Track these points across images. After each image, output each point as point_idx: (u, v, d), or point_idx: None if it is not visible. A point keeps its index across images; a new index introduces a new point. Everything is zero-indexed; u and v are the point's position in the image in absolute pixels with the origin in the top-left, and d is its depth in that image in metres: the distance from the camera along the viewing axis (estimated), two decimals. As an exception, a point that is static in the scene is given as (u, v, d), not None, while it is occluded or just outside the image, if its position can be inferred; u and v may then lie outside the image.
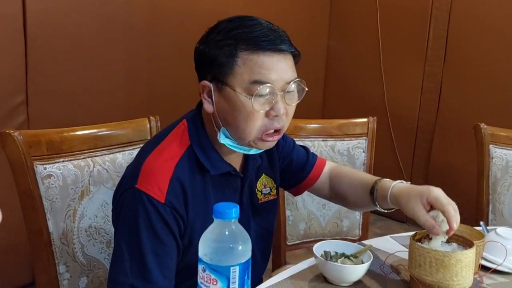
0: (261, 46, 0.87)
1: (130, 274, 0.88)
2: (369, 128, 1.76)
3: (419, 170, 3.15)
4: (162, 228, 0.90)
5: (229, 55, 0.88)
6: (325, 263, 0.95)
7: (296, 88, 0.93)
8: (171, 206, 0.90)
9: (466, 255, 0.87)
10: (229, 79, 0.89)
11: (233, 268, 0.60)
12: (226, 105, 0.91)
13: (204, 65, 0.94)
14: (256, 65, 0.87)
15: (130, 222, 0.91)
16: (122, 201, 0.94)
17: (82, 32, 2.19)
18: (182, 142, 0.96)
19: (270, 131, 0.93)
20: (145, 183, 0.90)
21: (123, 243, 0.91)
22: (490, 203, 1.75)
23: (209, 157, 0.96)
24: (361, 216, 1.79)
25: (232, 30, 0.90)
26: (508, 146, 1.76)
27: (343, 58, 3.40)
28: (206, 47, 0.93)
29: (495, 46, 2.73)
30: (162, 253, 0.90)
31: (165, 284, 0.90)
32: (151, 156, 0.94)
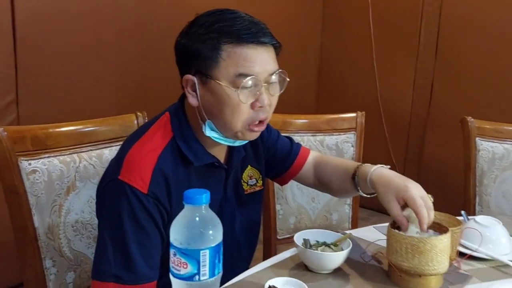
0: (244, 39, 0.89)
1: (114, 265, 0.89)
2: (357, 122, 1.78)
3: (412, 165, 3.17)
4: (145, 219, 0.91)
5: (212, 48, 0.89)
6: (305, 251, 0.97)
7: (278, 79, 0.95)
8: (154, 197, 0.91)
9: (441, 241, 0.88)
10: (214, 72, 0.90)
11: (203, 251, 0.61)
12: (211, 98, 0.92)
13: (186, 59, 0.95)
14: (241, 57, 0.89)
15: (113, 213, 0.92)
16: (105, 193, 0.95)
17: (72, 30, 2.20)
18: (165, 134, 0.98)
19: (255, 122, 0.95)
20: (128, 174, 0.91)
21: (107, 234, 0.92)
22: (477, 195, 1.77)
23: (192, 148, 0.97)
24: (350, 209, 1.80)
25: (214, 23, 0.91)
26: (495, 139, 1.77)
27: (336, 55, 3.42)
28: (188, 41, 0.93)
29: (485, 42, 2.75)
30: (146, 244, 0.91)
31: (150, 274, 0.91)
32: (133, 147, 0.95)
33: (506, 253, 1.07)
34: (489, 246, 1.06)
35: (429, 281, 0.91)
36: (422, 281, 0.91)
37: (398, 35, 3.11)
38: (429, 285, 0.92)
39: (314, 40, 3.45)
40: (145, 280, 0.90)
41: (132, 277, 0.89)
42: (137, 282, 0.89)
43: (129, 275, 0.89)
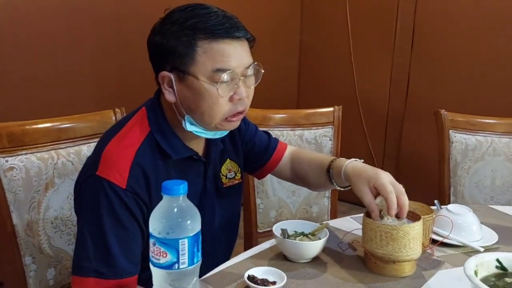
0: (219, 35, 0.90)
1: (94, 260, 0.89)
2: (334, 116, 1.81)
3: (391, 158, 3.23)
4: (124, 214, 0.91)
5: (188, 45, 0.90)
6: (283, 241, 0.99)
7: (253, 71, 0.97)
8: (133, 191, 0.91)
9: (413, 228, 0.91)
10: (191, 68, 0.91)
11: (181, 240, 0.63)
12: (189, 94, 0.93)
13: (161, 56, 0.94)
14: (217, 53, 0.90)
15: (92, 209, 0.91)
16: (83, 189, 0.95)
17: (46, 24, 2.16)
18: (142, 129, 0.98)
19: (234, 113, 0.96)
20: (106, 170, 0.91)
21: (86, 230, 0.91)
22: (452, 186, 1.81)
23: (170, 142, 0.98)
24: (329, 203, 1.84)
25: (187, 20, 0.91)
26: (467, 131, 1.82)
27: (315, 51, 3.46)
28: (162, 38, 0.93)
29: (459, 38, 2.81)
30: (125, 239, 0.91)
31: (130, 269, 0.92)
32: (111, 143, 0.95)
33: (477, 239, 1.11)
34: (461, 234, 1.10)
35: (403, 267, 0.94)
36: (396, 267, 0.94)
37: (374, 31, 3.16)
38: (403, 270, 0.95)
39: (293, 36, 3.48)
40: (125, 275, 0.91)
41: (112, 272, 0.89)
42: (117, 277, 0.90)
43: (109, 269, 0.89)
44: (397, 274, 0.95)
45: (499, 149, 1.79)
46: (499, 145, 1.79)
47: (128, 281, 0.91)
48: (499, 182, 1.80)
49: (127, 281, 0.91)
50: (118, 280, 0.90)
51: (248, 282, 0.86)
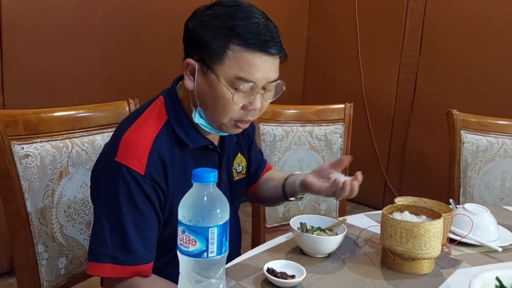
0: (254, 46, 0.89)
1: (111, 246, 0.89)
2: (345, 113, 1.80)
3: (396, 158, 3.23)
4: (142, 200, 0.91)
5: (222, 45, 0.89)
6: (301, 235, 0.99)
7: (274, 87, 0.97)
8: (151, 178, 0.91)
9: (434, 225, 0.91)
10: (216, 67, 0.90)
11: (211, 229, 0.62)
12: (207, 89, 0.93)
13: (193, 45, 0.94)
14: (245, 62, 0.89)
15: (110, 195, 0.92)
16: (101, 175, 0.95)
17: (58, 16, 2.16)
18: (160, 117, 0.98)
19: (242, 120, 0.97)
20: (125, 156, 0.91)
21: (103, 216, 0.92)
22: (461, 186, 1.81)
23: (187, 131, 0.98)
24: (338, 200, 1.83)
25: (229, 19, 0.90)
26: (479, 132, 1.82)
27: (323, 48, 3.45)
28: (199, 28, 0.93)
29: (468, 38, 2.81)
30: (142, 225, 0.91)
31: (146, 255, 0.92)
32: (129, 130, 0.95)
33: (494, 239, 1.11)
34: (477, 233, 1.10)
35: (422, 265, 0.94)
36: (415, 265, 0.94)
37: (383, 30, 3.15)
38: (422, 268, 0.95)
39: (300, 33, 3.47)
40: (141, 262, 0.91)
41: (129, 258, 0.89)
42: (134, 263, 0.90)
43: (126, 255, 0.89)
44: (416, 272, 0.94)
45: (510, 151, 1.79)
46: (510, 147, 1.79)
47: (144, 267, 0.91)
48: (509, 184, 1.80)
49: (143, 267, 0.91)
50: (134, 267, 0.90)
51: (268, 275, 0.86)
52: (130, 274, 0.90)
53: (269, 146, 1.67)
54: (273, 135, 1.68)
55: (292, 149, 1.71)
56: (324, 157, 1.77)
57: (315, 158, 1.75)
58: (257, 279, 0.89)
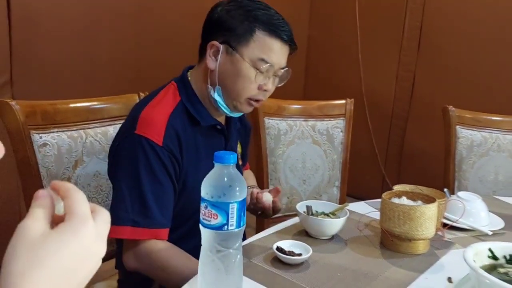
0: (276, 33, 1.03)
1: (131, 211, 0.98)
2: (346, 109, 1.87)
3: (394, 155, 3.30)
4: (160, 170, 0.99)
5: (248, 29, 1.02)
6: (307, 218, 1.05)
7: (283, 74, 1.10)
8: (168, 149, 1.00)
9: (429, 209, 0.98)
10: (242, 49, 1.03)
11: (231, 204, 0.69)
12: (230, 68, 1.04)
13: (218, 28, 1.05)
14: (267, 47, 1.03)
15: (130, 164, 1.00)
16: (121, 147, 1.04)
17: (67, 11, 2.20)
18: (174, 98, 1.08)
19: (254, 99, 1.09)
20: (144, 129, 1.00)
21: (124, 185, 1.00)
22: (456, 180, 1.88)
23: (198, 111, 1.08)
24: (338, 192, 1.90)
25: (253, 10, 1.04)
26: (473, 127, 1.89)
27: (323, 47, 3.51)
28: (225, 14, 1.04)
29: (466, 37, 2.88)
30: (160, 193, 1.00)
31: (163, 221, 1.00)
32: (146, 108, 1.05)
33: (485, 224, 1.18)
34: (469, 219, 1.17)
35: (417, 245, 1.01)
36: (411, 245, 1.01)
37: (383, 29, 3.22)
38: (418, 248, 1.02)
39: (301, 31, 3.52)
40: (159, 226, 0.99)
41: (148, 222, 0.98)
42: (152, 226, 0.98)
43: (145, 220, 0.98)
44: (412, 252, 1.01)
45: (503, 146, 1.86)
46: (504, 142, 1.86)
47: (161, 231, 0.99)
48: (502, 178, 1.86)
49: (160, 231, 0.99)
50: (152, 230, 0.98)
51: (277, 253, 0.93)
52: (148, 236, 0.98)
53: (273, 140, 1.74)
54: (277, 129, 1.74)
55: (295, 142, 1.78)
56: (326, 150, 1.84)
57: (317, 151, 1.82)
58: (267, 257, 0.96)
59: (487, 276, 0.76)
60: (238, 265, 0.74)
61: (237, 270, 0.74)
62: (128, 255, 1.00)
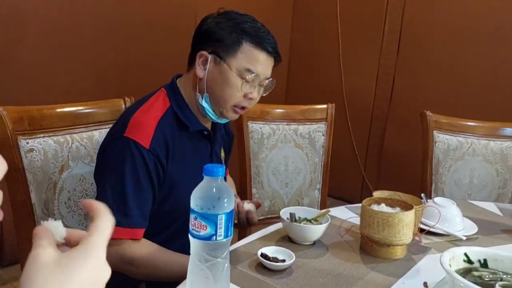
0: (262, 46, 1.09)
1: (111, 209, 0.99)
2: (328, 113, 1.92)
3: (373, 155, 3.38)
4: (144, 173, 1.04)
5: (236, 40, 1.08)
6: (290, 224, 1.09)
7: (267, 84, 1.16)
8: (155, 153, 1.04)
9: (407, 216, 1.03)
10: (230, 59, 1.08)
11: (220, 216, 0.73)
12: (218, 76, 1.09)
13: (208, 40, 1.10)
14: (253, 58, 1.09)
15: (116, 166, 1.04)
16: (110, 148, 1.07)
17: (49, 14, 2.19)
18: (164, 104, 1.12)
19: (240, 106, 1.14)
20: (133, 132, 1.04)
21: (108, 184, 1.04)
22: (433, 183, 1.95)
23: (187, 116, 1.13)
24: (320, 194, 1.95)
25: (241, 23, 1.09)
26: (450, 132, 1.96)
27: (305, 49, 3.56)
28: (215, 26, 1.09)
29: (443, 41, 2.96)
30: (140, 195, 1.04)
31: (141, 221, 1.04)
32: (137, 113, 1.09)
33: (460, 229, 1.24)
34: (445, 224, 1.23)
35: (395, 251, 1.06)
36: (390, 250, 1.06)
37: (363, 32, 3.28)
38: (396, 254, 1.07)
39: (284, 34, 3.57)
40: (137, 226, 1.03)
41: (127, 221, 1.02)
42: (131, 226, 1.02)
43: (125, 219, 1.02)
44: (390, 257, 1.06)
45: (478, 150, 1.93)
46: (478, 146, 1.94)
47: (138, 231, 1.04)
48: (476, 181, 1.94)
49: (137, 231, 1.04)
50: (130, 229, 1.02)
51: (261, 259, 0.96)
52: (125, 235, 1.02)
53: (257, 143, 1.77)
54: (261, 133, 1.78)
55: (278, 146, 1.82)
56: (307, 154, 1.88)
57: (300, 155, 1.86)
58: (252, 263, 0.99)
59: (460, 279, 0.81)
60: (225, 273, 0.77)
61: (224, 278, 0.77)
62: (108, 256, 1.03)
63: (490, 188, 1.94)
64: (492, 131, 1.95)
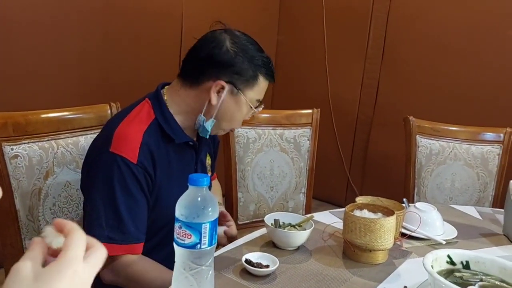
0: (272, 78, 1.17)
1: (106, 227, 1.01)
2: (313, 118, 1.94)
3: (358, 159, 3.42)
4: (135, 186, 1.03)
5: (253, 75, 1.12)
6: (275, 230, 1.11)
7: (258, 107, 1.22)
8: (143, 166, 1.04)
9: (388, 221, 1.05)
10: (247, 91, 1.13)
11: (204, 225, 0.74)
12: (233, 105, 1.13)
13: (226, 70, 1.11)
14: (263, 89, 1.17)
15: (105, 182, 1.03)
16: (96, 164, 1.06)
17: (34, 17, 2.18)
18: (148, 116, 1.11)
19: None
20: (119, 147, 1.03)
21: (99, 201, 1.03)
22: (416, 186, 1.99)
23: (173, 129, 1.12)
24: (305, 198, 1.97)
25: (256, 56, 1.12)
26: (432, 137, 2.00)
27: (291, 53, 3.59)
28: (234, 58, 1.10)
29: (427, 48, 3.02)
30: (135, 209, 1.03)
31: (139, 236, 1.04)
32: (121, 126, 1.07)
33: (440, 234, 1.27)
34: (426, 228, 1.26)
35: (377, 255, 1.09)
36: (371, 255, 1.08)
37: (348, 38, 3.33)
38: (377, 258, 1.09)
39: (271, 38, 3.59)
40: (134, 241, 1.03)
41: (123, 237, 1.01)
42: (128, 242, 1.02)
43: (120, 235, 1.01)
44: (372, 261, 1.09)
45: (460, 155, 1.98)
46: (460, 151, 1.98)
47: (136, 246, 1.03)
48: (458, 185, 1.98)
49: (135, 246, 1.03)
50: (128, 245, 1.02)
51: (246, 265, 0.98)
52: (123, 252, 1.01)
53: (242, 148, 1.79)
54: (246, 137, 1.79)
55: (264, 150, 1.84)
56: (293, 158, 1.90)
57: (285, 159, 1.88)
58: (236, 269, 1.01)
59: (441, 280, 0.84)
60: (210, 280, 0.78)
61: (209, 285, 0.78)
62: (105, 271, 1.03)
63: (471, 192, 1.98)
64: (473, 136, 2.00)
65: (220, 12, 2.97)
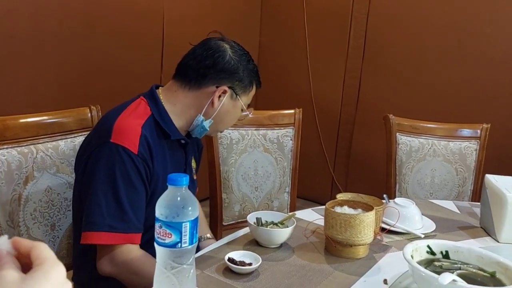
0: (259, 86, 1.29)
1: (107, 216, 1.02)
2: (295, 118, 1.96)
3: (342, 157, 3.45)
4: (136, 176, 1.06)
5: (249, 82, 1.23)
6: (257, 228, 1.12)
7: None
8: (143, 157, 1.07)
9: (367, 217, 1.07)
10: (243, 96, 1.23)
11: (184, 224, 0.75)
12: (231, 109, 1.22)
13: (230, 76, 1.19)
14: (252, 95, 1.27)
15: (107, 172, 1.05)
16: (96, 155, 1.08)
17: (12, 20, 2.15)
18: (145, 111, 1.15)
19: None
20: (120, 138, 1.06)
21: (100, 190, 1.04)
22: (397, 183, 2.02)
23: (168, 125, 1.16)
24: (289, 197, 1.99)
25: (251, 64, 1.23)
26: (412, 134, 2.04)
27: (274, 54, 3.61)
28: (237, 65, 1.19)
29: (406, 47, 3.07)
30: (135, 198, 1.06)
31: (139, 225, 1.06)
32: (119, 119, 1.10)
33: (419, 228, 1.30)
34: (405, 223, 1.28)
35: (358, 250, 1.11)
36: (352, 250, 1.10)
37: (330, 38, 3.36)
38: (358, 253, 1.11)
39: (253, 39, 3.61)
40: (134, 230, 1.05)
41: (124, 226, 1.03)
42: (128, 231, 1.03)
43: (121, 224, 1.03)
44: (353, 256, 1.11)
45: (438, 151, 2.02)
46: (439, 147, 2.02)
47: (135, 236, 1.05)
48: (437, 180, 2.02)
49: (135, 236, 1.05)
50: (128, 234, 1.04)
51: (228, 263, 0.99)
52: (124, 241, 1.03)
53: (226, 149, 1.79)
54: (230, 138, 1.80)
55: (247, 151, 1.85)
56: (276, 158, 1.92)
57: (269, 159, 1.90)
58: (219, 268, 1.01)
59: (421, 269, 0.87)
60: (191, 279, 0.79)
61: (190, 284, 0.79)
62: (103, 260, 1.05)
63: (450, 187, 2.02)
64: (451, 132, 2.04)
65: (202, 13, 2.97)
